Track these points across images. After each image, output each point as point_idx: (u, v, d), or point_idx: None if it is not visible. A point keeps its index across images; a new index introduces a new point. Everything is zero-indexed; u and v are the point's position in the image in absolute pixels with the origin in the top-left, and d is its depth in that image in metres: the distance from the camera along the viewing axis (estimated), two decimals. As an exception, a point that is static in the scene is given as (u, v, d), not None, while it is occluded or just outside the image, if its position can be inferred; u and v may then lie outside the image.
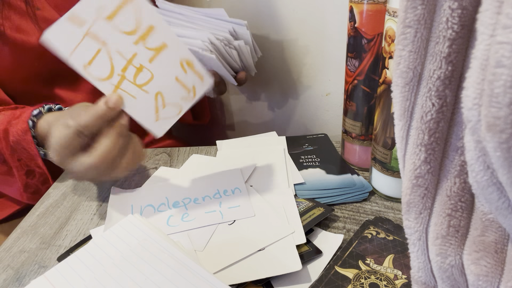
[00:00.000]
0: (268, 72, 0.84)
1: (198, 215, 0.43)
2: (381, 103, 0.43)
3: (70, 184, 0.54)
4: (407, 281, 0.34)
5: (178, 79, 0.41)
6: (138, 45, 0.38)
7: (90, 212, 0.48)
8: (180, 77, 0.41)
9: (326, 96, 0.83)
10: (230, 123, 0.94)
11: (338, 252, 0.38)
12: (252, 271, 0.36)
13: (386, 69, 0.41)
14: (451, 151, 0.22)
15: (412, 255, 0.25)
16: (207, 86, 0.43)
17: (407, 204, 0.23)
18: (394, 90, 0.23)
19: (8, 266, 0.40)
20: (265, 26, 0.79)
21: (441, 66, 0.20)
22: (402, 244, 0.38)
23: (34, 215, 0.48)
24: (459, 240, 0.22)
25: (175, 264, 0.34)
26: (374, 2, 0.43)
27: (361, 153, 0.53)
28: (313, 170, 0.52)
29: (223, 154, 0.57)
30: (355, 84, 0.49)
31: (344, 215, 0.45)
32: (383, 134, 0.44)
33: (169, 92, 0.41)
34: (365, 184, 0.48)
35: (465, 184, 0.22)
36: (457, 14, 0.19)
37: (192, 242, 0.40)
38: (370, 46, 0.45)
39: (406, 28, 0.21)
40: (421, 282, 0.25)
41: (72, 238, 0.44)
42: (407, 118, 0.23)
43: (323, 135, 0.61)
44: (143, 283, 0.33)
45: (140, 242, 0.37)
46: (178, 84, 0.41)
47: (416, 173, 0.23)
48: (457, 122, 0.21)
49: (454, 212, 0.22)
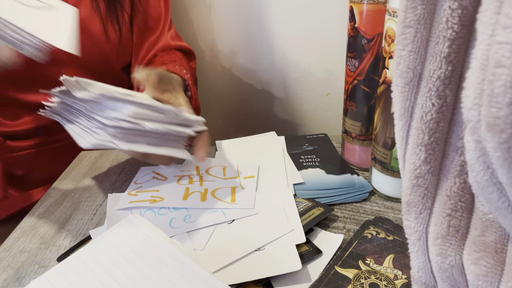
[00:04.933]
0: (267, 72, 0.84)
1: (200, 216, 0.43)
2: (381, 103, 0.43)
3: (70, 184, 0.54)
4: (407, 281, 0.34)
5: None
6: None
7: (90, 212, 0.48)
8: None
9: (326, 96, 0.83)
10: (230, 123, 0.94)
11: (338, 252, 0.38)
12: (252, 271, 0.36)
13: (386, 69, 0.41)
14: (451, 151, 0.22)
15: (412, 255, 0.25)
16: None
17: (407, 204, 0.23)
18: (394, 90, 0.23)
19: (8, 266, 0.40)
20: (265, 25, 0.79)
21: (441, 66, 0.20)
22: (402, 244, 0.38)
23: (34, 215, 0.48)
24: (459, 240, 0.22)
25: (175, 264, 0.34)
26: (374, 2, 0.43)
27: (361, 153, 0.53)
28: (313, 170, 0.52)
29: (222, 154, 0.57)
30: (355, 84, 0.49)
31: (344, 215, 0.45)
32: (383, 134, 0.44)
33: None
34: (365, 184, 0.48)
35: (465, 184, 0.22)
36: (457, 14, 0.19)
37: (192, 241, 0.40)
38: (370, 46, 0.45)
39: (406, 28, 0.21)
40: (421, 282, 0.25)
41: (72, 238, 0.44)
42: (407, 118, 0.23)
43: (323, 135, 0.61)
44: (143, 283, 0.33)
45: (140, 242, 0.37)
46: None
47: (416, 173, 0.23)
48: (457, 122, 0.21)
49: (454, 212, 0.22)
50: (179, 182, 0.49)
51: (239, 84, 0.87)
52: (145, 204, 0.45)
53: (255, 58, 0.83)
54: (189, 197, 0.46)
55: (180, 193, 0.47)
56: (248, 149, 0.57)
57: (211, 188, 0.48)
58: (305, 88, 0.83)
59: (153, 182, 0.49)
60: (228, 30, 0.81)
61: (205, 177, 0.50)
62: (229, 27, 0.81)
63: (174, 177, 0.50)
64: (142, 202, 0.45)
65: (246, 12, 0.78)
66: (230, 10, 0.79)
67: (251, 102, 0.89)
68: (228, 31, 0.82)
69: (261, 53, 0.82)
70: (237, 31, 0.81)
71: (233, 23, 0.80)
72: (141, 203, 0.45)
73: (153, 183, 0.49)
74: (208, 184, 0.49)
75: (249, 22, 0.79)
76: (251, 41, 0.81)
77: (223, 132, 0.95)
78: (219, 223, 0.42)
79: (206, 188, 0.47)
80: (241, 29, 0.81)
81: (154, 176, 0.50)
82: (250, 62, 0.84)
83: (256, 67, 0.84)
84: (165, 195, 0.46)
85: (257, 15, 0.78)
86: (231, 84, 0.88)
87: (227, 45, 0.83)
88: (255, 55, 0.82)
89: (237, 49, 0.83)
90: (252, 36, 0.81)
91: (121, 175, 0.55)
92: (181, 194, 0.46)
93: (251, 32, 0.80)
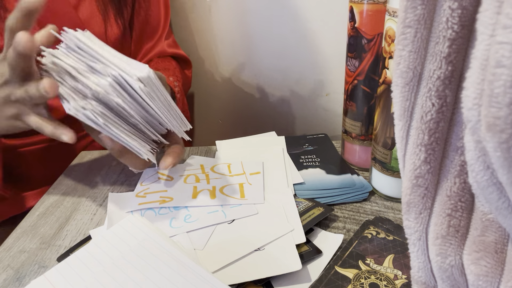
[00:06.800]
0: (267, 72, 0.84)
1: (200, 215, 0.43)
2: (381, 103, 0.43)
3: (70, 184, 0.54)
4: (407, 281, 0.34)
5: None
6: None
7: (90, 212, 0.48)
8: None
9: (326, 96, 0.83)
10: (230, 123, 0.94)
11: (338, 252, 0.38)
12: (252, 271, 0.36)
13: (386, 69, 0.41)
14: (451, 151, 0.22)
15: (412, 255, 0.25)
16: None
17: (407, 204, 0.23)
18: (394, 90, 0.23)
19: (8, 266, 0.40)
20: (265, 25, 0.79)
21: (441, 66, 0.20)
22: (402, 244, 0.38)
23: (34, 215, 0.48)
24: (459, 240, 0.22)
25: (175, 264, 0.34)
26: (374, 2, 0.43)
27: (361, 153, 0.53)
28: (313, 170, 0.52)
29: (222, 154, 0.57)
30: (355, 84, 0.49)
31: (344, 215, 0.45)
32: (383, 134, 0.44)
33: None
34: (365, 184, 0.48)
35: (465, 184, 0.22)
36: (457, 14, 0.19)
37: (192, 241, 0.40)
38: (370, 46, 0.45)
39: (406, 28, 0.21)
40: (421, 282, 0.25)
41: (72, 238, 0.44)
42: (407, 118, 0.23)
43: (323, 135, 0.61)
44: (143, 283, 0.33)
45: (140, 242, 0.37)
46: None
47: (416, 173, 0.23)
48: (457, 122, 0.21)
49: (454, 212, 0.22)
50: (186, 181, 0.49)
51: (239, 84, 0.87)
52: (156, 205, 0.45)
53: (254, 58, 0.83)
54: (198, 196, 0.46)
55: (188, 192, 0.47)
56: (248, 149, 0.57)
57: (219, 186, 0.48)
58: (305, 88, 0.83)
59: (160, 182, 0.49)
60: (228, 30, 0.81)
61: (211, 175, 0.50)
62: (229, 27, 0.81)
63: (180, 177, 0.50)
64: (152, 203, 0.45)
65: (246, 12, 0.78)
66: (230, 11, 0.79)
67: (251, 102, 0.89)
68: (228, 31, 0.82)
69: (260, 53, 0.82)
70: (237, 31, 0.81)
71: (233, 23, 0.80)
72: (151, 204, 0.45)
73: (160, 183, 0.49)
74: (216, 181, 0.49)
75: (249, 22, 0.79)
76: (251, 41, 0.81)
77: (223, 132, 0.95)
78: (219, 223, 0.42)
79: (214, 186, 0.48)
80: (241, 30, 0.81)
81: (160, 177, 0.50)
82: (250, 62, 0.84)
83: (256, 67, 0.84)
84: (174, 195, 0.46)
85: (257, 16, 0.78)
86: (231, 84, 0.88)
87: (227, 45, 0.83)
88: (255, 55, 0.82)
89: (237, 49, 0.83)
90: (252, 37, 0.81)
91: (121, 175, 0.55)
92: (190, 193, 0.46)
93: (251, 33, 0.80)
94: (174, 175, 0.51)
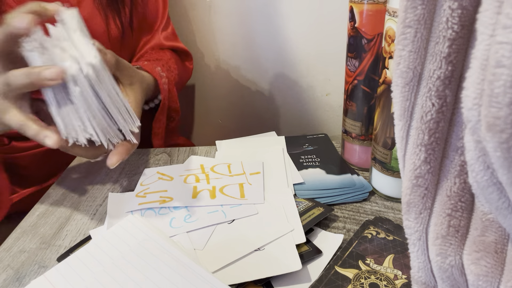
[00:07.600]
0: (267, 72, 0.84)
1: (200, 215, 0.43)
2: (381, 103, 0.43)
3: (70, 184, 0.54)
4: (407, 281, 0.34)
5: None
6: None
7: (90, 212, 0.48)
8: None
9: (326, 96, 0.83)
10: (230, 123, 0.94)
11: (338, 252, 0.38)
12: (252, 271, 0.36)
13: (386, 69, 0.41)
14: (451, 151, 0.22)
15: (412, 255, 0.25)
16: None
17: (407, 204, 0.23)
18: (394, 90, 0.23)
19: (8, 266, 0.40)
20: (265, 25, 0.79)
21: (441, 66, 0.20)
22: (402, 244, 0.38)
23: (34, 215, 0.48)
24: (459, 240, 0.22)
25: (175, 264, 0.34)
26: (374, 2, 0.43)
27: (361, 153, 0.53)
28: (313, 170, 0.52)
29: (222, 154, 0.57)
30: (355, 84, 0.49)
31: (344, 215, 0.45)
32: (383, 134, 0.44)
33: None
34: (365, 184, 0.48)
35: (465, 184, 0.22)
36: (457, 14, 0.19)
37: (192, 241, 0.40)
38: (370, 46, 0.45)
39: (406, 28, 0.21)
40: (421, 282, 0.25)
41: (72, 238, 0.44)
42: (407, 118, 0.23)
43: (323, 135, 0.61)
44: (143, 283, 0.33)
45: (140, 242, 0.37)
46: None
47: (416, 173, 0.23)
48: (457, 122, 0.21)
49: (454, 212, 0.22)
50: (186, 181, 0.49)
51: (239, 84, 0.87)
52: (155, 205, 0.45)
53: (255, 58, 0.83)
54: (198, 195, 0.46)
55: (188, 192, 0.47)
56: (248, 149, 0.57)
57: (219, 186, 0.48)
58: (305, 88, 0.83)
59: (160, 182, 0.49)
60: (228, 30, 0.81)
61: (211, 175, 0.50)
62: (229, 27, 0.81)
63: (180, 177, 0.50)
64: (152, 203, 0.45)
65: (246, 12, 0.78)
66: (230, 10, 0.79)
67: (251, 102, 0.89)
68: (228, 31, 0.82)
69: (261, 53, 0.82)
70: (237, 31, 0.81)
71: (233, 23, 0.80)
72: (151, 204, 0.45)
73: (160, 183, 0.49)
74: (215, 181, 0.49)
75: (249, 22, 0.79)
76: (251, 41, 0.81)
77: (223, 132, 0.95)
78: (219, 223, 0.42)
79: (214, 186, 0.48)
80: (241, 30, 0.81)
81: (160, 177, 0.50)
82: (250, 62, 0.84)
83: (256, 67, 0.84)
84: (174, 194, 0.46)
85: (257, 16, 0.78)
86: (231, 84, 0.88)
87: (227, 45, 0.83)
88: (255, 55, 0.82)
89: (237, 49, 0.83)
90: (252, 37, 0.81)
91: (121, 175, 0.55)
92: (190, 193, 0.46)
93: (251, 33, 0.80)
94: (174, 175, 0.51)
